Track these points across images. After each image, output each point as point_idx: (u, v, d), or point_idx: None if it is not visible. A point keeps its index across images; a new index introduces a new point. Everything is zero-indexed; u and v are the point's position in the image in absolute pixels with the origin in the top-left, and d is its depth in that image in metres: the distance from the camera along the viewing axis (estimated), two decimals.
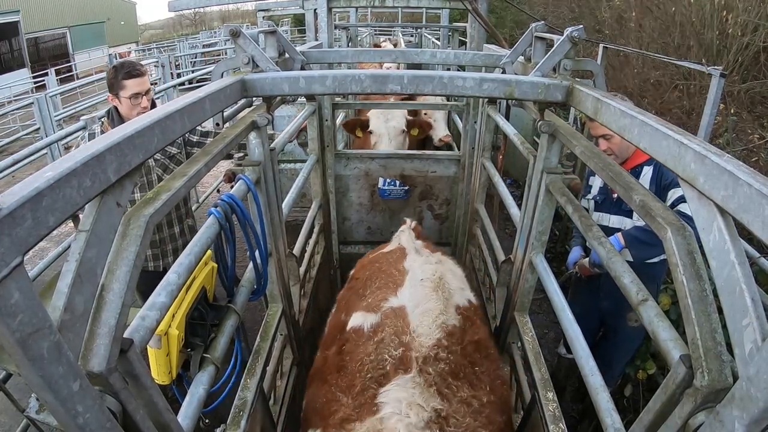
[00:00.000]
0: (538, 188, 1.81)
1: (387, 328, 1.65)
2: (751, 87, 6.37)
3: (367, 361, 1.56)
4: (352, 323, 1.79)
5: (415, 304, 1.73)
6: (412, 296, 1.77)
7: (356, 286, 2.06)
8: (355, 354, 1.64)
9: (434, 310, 1.71)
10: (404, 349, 1.54)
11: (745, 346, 0.73)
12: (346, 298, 2.07)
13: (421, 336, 1.59)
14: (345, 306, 2.00)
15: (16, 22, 21.66)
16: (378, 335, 1.64)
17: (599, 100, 1.35)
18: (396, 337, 1.59)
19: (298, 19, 17.68)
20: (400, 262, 2.04)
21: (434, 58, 3.05)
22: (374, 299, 1.84)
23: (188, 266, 1.13)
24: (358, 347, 1.65)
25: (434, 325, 1.64)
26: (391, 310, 1.73)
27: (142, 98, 2.35)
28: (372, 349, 1.59)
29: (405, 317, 1.68)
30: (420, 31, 10.62)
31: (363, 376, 1.52)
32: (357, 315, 1.80)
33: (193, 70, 13.04)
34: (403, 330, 1.62)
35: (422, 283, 1.84)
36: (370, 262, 2.25)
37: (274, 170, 1.85)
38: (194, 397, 1.22)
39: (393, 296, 1.80)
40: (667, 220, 1.00)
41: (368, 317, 1.75)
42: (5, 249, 0.55)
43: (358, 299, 1.92)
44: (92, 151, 0.75)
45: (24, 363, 0.60)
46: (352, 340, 1.71)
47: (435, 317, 1.67)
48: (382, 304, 1.78)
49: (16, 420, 2.94)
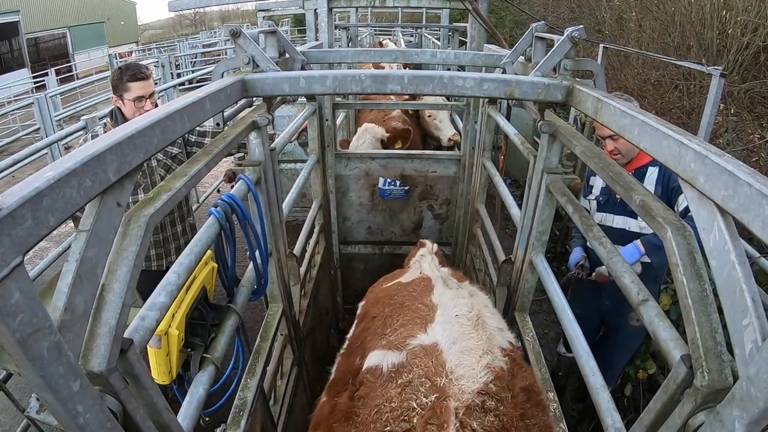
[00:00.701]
0: (538, 188, 1.81)
1: (416, 367, 1.29)
2: (751, 87, 6.37)
3: (386, 410, 1.20)
4: (368, 363, 1.43)
5: (452, 341, 1.37)
6: (447, 332, 1.41)
7: (373, 325, 1.67)
8: (370, 399, 1.28)
9: (476, 349, 1.34)
10: (439, 395, 1.17)
11: (745, 346, 0.73)
12: (361, 339, 1.68)
13: (461, 379, 1.22)
14: (360, 347, 1.63)
15: (16, 22, 21.66)
16: (404, 376, 1.28)
17: (599, 100, 1.35)
18: (427, 379, 1.23)
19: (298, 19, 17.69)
20: (426, 296, 1.67)
21: (434, 58, 3.05)
22: (397, 336, 1.47)
23: (188, 266, 1.13)
24: (375, 390, 1.30)
25: (479, 366, 1.27)
26: (421, 348, 1.36)
27: (145, 101, 2.35)
28: (395, 392, 1.23)
29: (439, 355, 1.31)
30: (420, 31, 10.63)
31: (380, 429, 1.17)
32: (375, 353, 1.44)
33: (193, 70, 13.04)
34: (438, 370, 1.25)
35: (457, 319, 1.48)
36: (387, 295, 1.84)
37: (275, 170, 1.85)
38: (194, 397, 1.22)
39: (422, 333, 1.43)
40: (667, 220, 1.00)
41: (389, 356, 1.38)
42: (5, 249, 0.55)
43: (377, 338, 1.55)
44: (92, 151, 0.75)
45: (24, 363, 0.60)
46: (367, 382, 1.36)
47: (479, 356, 1.31)
48: (408, 341, 1.41)
49: (16, 420, 2.94)
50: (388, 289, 1.91)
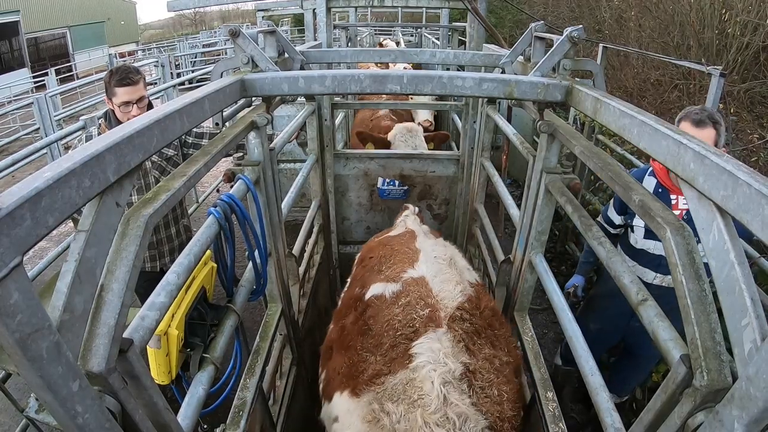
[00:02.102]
0: (537, 188, 1.81)
1: (411, 293, 1.71)
2: (751, 87, 6.38)
3: (395, 321, 1.60)
4: (372, 292, 1.82)
5: (434, 274, 1.80)
6: (430, 268, 1.84)
7: (370, 264, 2.10)
8: (379, 317, 1.67)
9: (452, 279, 1.79)
10: (431, 309, 1.61)
11: (744, 346, 0.73)
12: (360, 275, 2.11)
13: (444, 299, 1.67)
14: (360, 282, 2.04)
15: (16, 22, 21.65)
16: (403, 299, 1.69)
17: (599, 100, 1.35)
18: (421, 299, 1.66)
19: (297, 19, 17.70)
20: (411, 243, 2.11)
21: (434, 58, 3.05)
22: (392, 272, 1.89)
23: (188, 266, 1.13)
24: (383, 311, 1.69)
25: (455, 291, 1.71)
26: (412, 279, 1.79)
27: (132, 107, 2.28)
28: (398, 310, 1.64)
29: (426, 284, 1.75)
30: (420, 30, 10.61)
31: (392, 335, 1.56)
32: (376, 285, 1.84)
33: (192, 70, 13.05)
34: (428, 294, 1.69)
35: (436, 259, 1.92)
36: (379, 244, 2.30)
37: (274, 170, 1.85)
38: (194, 397, 1.22)
39: (411, 269, 1.86)
40: (666, 220, 1.00)
41: (389, 286, 1.80)
42: (4, 249, 0.55)
43: (375, 274, 1.97)
44: (91, 151, 0.75)
45: (23, 363, 0.60)
46: (374, 306, 1.75)
47: (455, 285, 1.75)
48: (401, 275, 1.83)
49: (15, 420, 2.94)
50: (381, 240, 2.39)
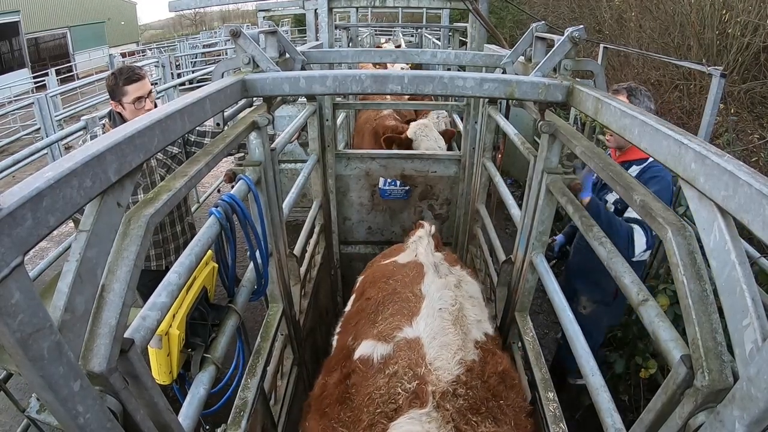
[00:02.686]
0: (538, 188, 1.81)
1: (401, 359, 1.51)
2: (752, 87, 6.37)
3: (377, 395, 1.42)
4: (360, 352, 1.64)
5: (432, 335, 1.59)
6: (429, 327, 1.63)
7: (367, 309, 1.89)
8: (362, 387, 1.49)
9: (452, 344, 1.56)
10: (419, 382, 1.40)
11: (745, 346, 0.73)
12: (356, 320, 1.89)
13: (438, 370, 1.46)
14: (354, 328, 1.84)
15: (16, 22, 21.67)
16: (391, 367, 1.50)
17: (599, 100, 1.35)
18: (410, 369, 1.46)
19: (298, 19, 17.70)
20: (416, 284, 1.87)
21: (435, 59, 3.05)
22: (386, 326, 1.69)
23: (189, 266, 1.13)
24: (367, 380, 1.51)
25: (453, 360, 1.50)
26: (405, 342, 1.58)
27: (145, 101, 2.34)
28: (383, 381, 1.46)
29: (420, 349, 1.54)
30: (420, 31, 10.62)
31: (371, 411, 1.39)
32: (367, 343, 1.65)
33: (193, 70, 13.05)
34: (418, 362, 1.48)
35: (440, 312, 1.69)
36: (382, 276, 2.04)
37: (275, 170, 1.85)
38: (195, 397, 1.22)
39: (407, 326, 1.65)
40: (667, 220, 1.00)
41: (379, 347, 1.60)
42: (5, 249, 0.55)
43: (369, 325, 1.77)
44: (92, 151, 0.75)
45: (24, 363, 0.60)
46: (359, 372, 1.57)
47: (454, 351, 1.53)
48: (395, 333, 1.63)
49: (16, 420, 2.94)
50: (384, 270, 2.11)
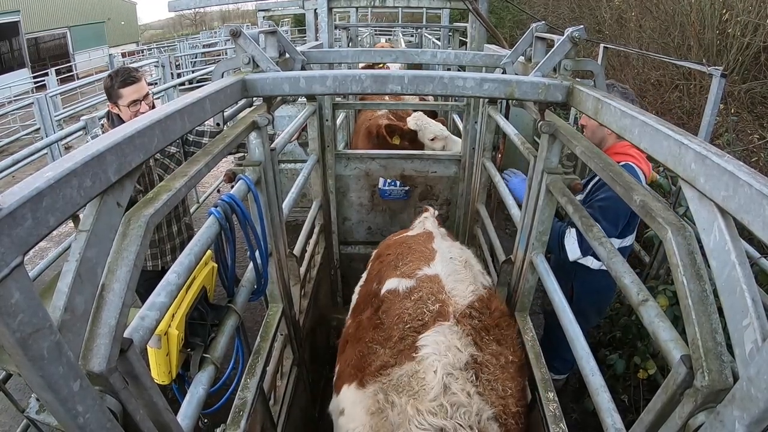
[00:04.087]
0: (538, 188, 1.81)
1: (424, 289, 1.74)
2: (752, 87, 6.37)
3: (405, 315, 1.64)
4: (386, 287, 1.86)
5: (448, 273, 1.84)
6: (445, 268, 1.87)
7: (387, 260, 2.13)
8: (392, 311, 1.71)
9: (465, 280, 1.83)
10: (441, 304, 1.65)
11: (745, 347, 0.73)
12: (377, 270, 2.13)
13: (456, 296, 1.72)
14: (377, 276, 2.06)
15: (16, 22, 21.67)
16: (415, 294, 1.73)
17: (599, 100, 1.35)
18: (433, 295, 1.70)
19: (298, 19, 17.71)
20: (429, 243, 2.14)
21: (435, 59, 3.05)
22: (408, 269, 1.92)
23: (188, 266, 1.13)
24: (395, 304, 1.73)
25: (467, 290, 1.75)
26: (426, 276, 1.83)
27: (140, 104, 2.31)
28: (410, 304, 1.68)
29: (439, 282, 1.79)
30: (420, 31, 10.61)
31: (401, 327, 1.60)
32: (392, 280, 1.88)
33: (193, 70, 13.05)
34: (439, 290, 1.73)
35: (452, 260, 1.95)
36: (396, 242, 2.33)
37: (275, 170, 1.85)
38: (194, 397, 1.22)
39: (426, 267, 1.90)
40: (667, 221, 1.00)
41: (403, 282, 1.84)
42: (5, 249, 0.55)
43: (391, 270, 1.99)
44: (92, 151, 0.75)
45: (24, 363, 0.60)
46: (387, 300, 1.79)
47: (467, 285, 1.79)
48: (416, 272, 1.87)
49: (16, 420, 2.94)
50: (398, 239, 2.41)
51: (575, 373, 3.07)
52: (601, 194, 2.27)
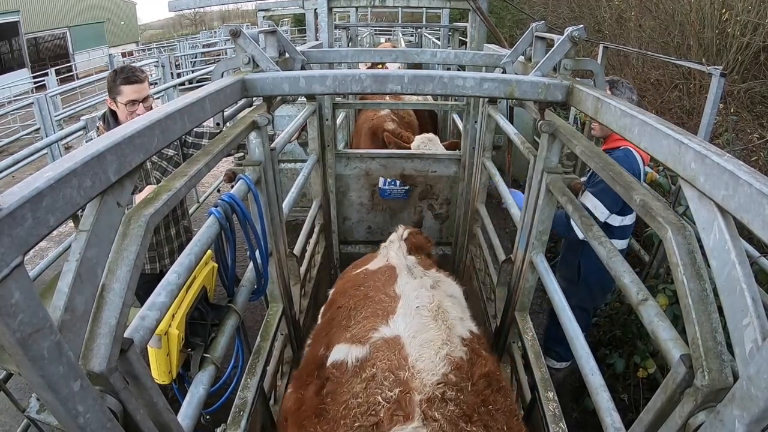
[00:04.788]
0: (538, 188, 1.81)
1: (379, 362, 1.33)
2: (751, 87, 6.37)
3: (353, 405, 1.24)
4: (333, 357, 1.46)
5: (412, 334, 1.41)
6: (408, 325, 1.45)
7: (338, 316, 1.71)
8: (337, 396, 1.32)
9: (436, 340, 1.39)
10: (401, 388, 1.23)
11: (745, 346, 0.73)
12: (326, 330, 1.72)
13: (422, 372, 1.28)
14: (325, 338, 1.66)
15: (16, 22, 21.66)
16: (368, 370, 1.32)
17: (599, 99, 1.35)
18: (391, 373, 1.28)
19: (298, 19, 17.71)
20: (389, 285, 1.71)
21: (434, 58, 3.05)
22: (360, 329, 1.51)
23: (188, 266, 1.13)
24: (342, 386, 1.34)
25: (438, 357, 1.33)
26: (383, 342, 1.40)
27: (138, 105, 2.29)
28: (360, 388, 1.28)
29: (401, 348, 1.36)
30: (420, 30, 10.61)
31: (349, 424, 1.21)
32: (340, 347, 1.47)
33: (193, 70, 13.05)
34: (400, 364, 1.30)
35: (418, 311, 1.53)
36: (353, 285, 1.86)
37: (275, 170, 1.85)
38: (194, 396, 1.23)
39: (384, 326, 1.47)
40: (667, 220, 1.00)
41: (353, 350, 1.42)
42: (5, 249, 0.55)
43: (341, 331, 1.59)
44: (92, 151, 0.75)
45: (24, 363, 0.60)
46: (333, 378, 1.40)
47: (438, 347, 1.36)
48: (370, 334, 1.45)
49: (16, 420, 2.94)
50: (355, 278, 1.93)
51: (575, 372, 3.07)
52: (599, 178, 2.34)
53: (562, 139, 1.67)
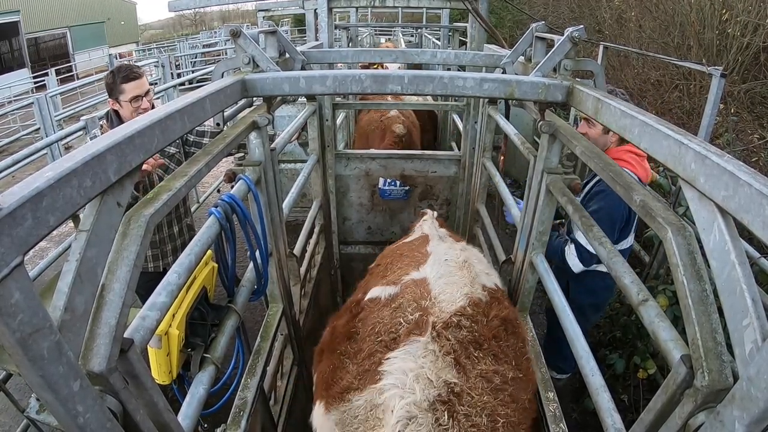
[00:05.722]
0: (538, 188, 1.81)
1: (406, 295, 1.52)
2: (752, 87, 6.37)
3: (379, 325, 1.43)
4: (369, 295, 1.67)
5: (439, 276, 1.61)
6: (435, 270, 1.65)
7: (376, 271, 1.95)
8: (368, 320, 1.52)
9: (459, 282, 1.57)
10: (421, 313, 1.41)
11: (745, 346, 0.73)
12: (365, 282, 1.94)
13: (442, 302, 1.47)
14: (363, 287, 1.87)
15: (16, 22, 21.66)
16: (396, 301, 1.52)
17: (599, 100, 1.35)
18: (414, 302, 1.47)
19: (298, 19, 17.71)
20: (422, 247, 1.93)
21: (435, 59, 3.05)
22: (394, 276, 1.72)
23: (188, 266, 1.13)
24: (373, 313, 1.54)
25: (459, 293, 1.51)
26: (412, 281, 1.61)
27: (142, 100, 2.34)
28: (387, 313, 1.48)
29: (426, 285, 1.56)
30: (420, 31, 10.62)
31: (372, 340, 1.40)
32: (375, 289, 1.68)
33: (193, 70, 13.05)
34: (423, 296, 1.49)
35: (446, 262, 1.72)
36: (390, 251, 2.14)
37: (275, 170, 1.85)
38: (194, 396, 1.22)
39: (414, 271, 1.68)
40: (667, 220, 1.00)
41: (387, 289, 1.63)
42: (5, 249, 0.55)
43: (378, 279, 1.81)
44: (92, 151, 0.75)
45: (24, 363, 0.60)
46: (367, 308, 1.60)
47: (460, 287, 1.54)
48: (402, 278, 1.66)
49: (16, 420, 2.94)
50: (393, 247, 2.22)
51: (576, 373, 3.07)
52: (594, 205, 2.30)
53: (562, 139, 1.67)
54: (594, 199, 2.34)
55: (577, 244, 2.34)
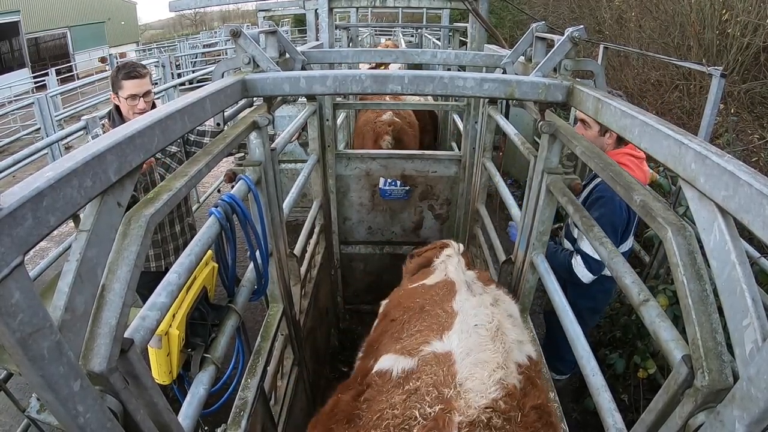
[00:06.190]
0: (538, 188, 1.81)
1: (425, 375, 1.24)
2: (752, 87, 6.37)
3: (388, 415, 1.17)
4: (379, 366, 1.40)
5: (467, 351, 1.32)
6: (463, 342, 1.36)
7: (391, 329, 1.65)
8: (374, 404, 1.26)
9: (491, 361, 1.28)
10: (443, 407, 1.13)
11: (745, 346, 0.73)
12: (378, 342, 1.66)
13: (469, 392, 1.17)
14: (375, 351, 1.60)
15: (16, 22, 21.67)
16: (411, 383, 1.24)
17: (600, 100, 1.35)
18: (435, 389, 1.19)
19: (298, 20, 17.72)
20: (447, 301, 1.63)
21: (435, 59, 3.05)
22: (412, 341, 1.44)
23: (189, 266, 1.13)
24: (381, 395, 1.27)
25: (491, 380, 1.21)
26: (433, 356, 1.32)
27: (138, 100, 2.34)
28: (399, 399, 1.20)
29: (451, 364, 1.27)
30: (420, 31, 10.62)
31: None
32: (387, 357, 1.41)
33: (193, 70, 13.06)
34: (446, 381, 1.21)
35: (476, 329, 1.42)
36: (408, 298, 1.82)
37: (275, 170, 1.85)
38: (195, 397, 1.22)
39: (437, 340, 1.39)
40: (667, 220, 1.00)
41: (401, 361, 1.35)
42: (6, 249, 0.55)
43: (392, 342, 1.53)
44: (93, 151, 0.75)
45: (24, 363, 0.60)
46: (374, 385, 1.33)
47: (492, 370, 1.25)
48: (422, 347, 1.38)
49: (17, 420, 2.94)
50: (411, 291, 1.88)
51: (576, 373, 3.07)
52: (594, 212, 2.29)
53: (562, 139, 1.67)
54: (594, 205, 2.32)
55: (583, 254, 2.33)
